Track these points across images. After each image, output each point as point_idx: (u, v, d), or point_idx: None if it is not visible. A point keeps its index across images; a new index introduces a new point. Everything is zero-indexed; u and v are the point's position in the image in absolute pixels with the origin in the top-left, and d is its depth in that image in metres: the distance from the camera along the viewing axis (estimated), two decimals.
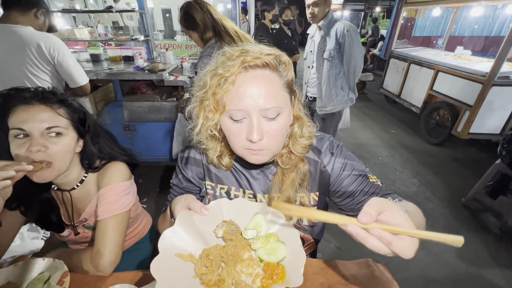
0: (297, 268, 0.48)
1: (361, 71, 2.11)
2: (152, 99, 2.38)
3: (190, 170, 0.77)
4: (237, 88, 0.55)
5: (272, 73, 0.57)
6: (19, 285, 0.67)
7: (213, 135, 0.65)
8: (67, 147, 0.76)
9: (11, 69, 1.39)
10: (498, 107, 2.95)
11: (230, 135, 0.61)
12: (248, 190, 0.74)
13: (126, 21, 2.83)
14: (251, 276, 0.52)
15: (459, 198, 2.47)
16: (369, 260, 0.80)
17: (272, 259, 0.52)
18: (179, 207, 0.59)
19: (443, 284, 1.70)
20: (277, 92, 0.57)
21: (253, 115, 0.55)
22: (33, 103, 0.72)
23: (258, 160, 0.62)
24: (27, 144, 0.69)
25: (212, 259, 0.53)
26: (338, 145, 0.74)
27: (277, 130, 0.58)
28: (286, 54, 0.61)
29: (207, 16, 1.56)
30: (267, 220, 0.58)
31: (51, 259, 0.72)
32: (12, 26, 1.37)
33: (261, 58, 0.55)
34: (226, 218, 0.61)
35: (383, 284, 0.72)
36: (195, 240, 0.57)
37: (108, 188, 0.82)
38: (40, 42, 1.38)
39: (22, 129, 0.69)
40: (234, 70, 0.54)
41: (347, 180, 0.70)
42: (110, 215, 0.79)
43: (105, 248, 0.74)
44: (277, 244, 0.54)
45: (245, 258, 0.54)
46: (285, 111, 0.59)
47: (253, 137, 0.55)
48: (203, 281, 0.50)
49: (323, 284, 0.71)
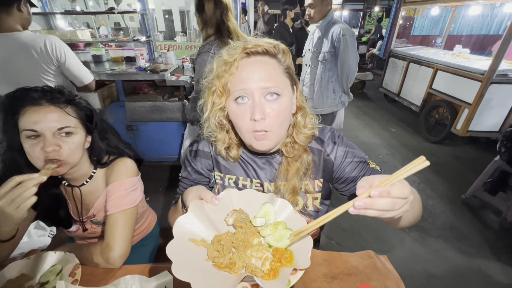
0: (304, 252, 0.51)
1: (354, 76, 2.09)
2: (154, 99, 2.41)
3: (199, 162, 0.80)
4: (240, 72, 0.61)
5: (271, 59, 0.63)
6: (32, 277, 0.70)
7: (222, 124, 0.69)
8: (78, 144, 0.79)
9: (23, 75, 1.41)
10: (497, 105, 2.97)
11: (236, 119, 0.65)
12: (255, 179, 0.77)
13: (128, 22, 2.85)
14: (261, 259, 0.54)
15: (459, 195, 2.49)
16: (370, 252, 0.82)
17: (281, 245, 0.54)
18: (191, 197, 0.62)
19: (444, 280, 1.72)
20: (277, 75, 0.62)
21: (255, 95, 0.60)
22: (42, 103, 0.74)
23: (263, 145, 0.65)
24: (41, 144, 0.72)
25: (223, 244, 0.56)
26: (339, 135, 0.77)
27: (279, 111, 0.62)
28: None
29: (216, 13, 1.57)
30: (275, 209, 0.62)
31: (63, 253, 0.74)
32: (10, 34, 1.37)
33: (261, 45, 0.61)
34: (236, 208, 0.63)
35: (384, 274, 0.75)
36: (207, 227, 0.60)
37: (117, 183, 0.84)
38: (42, 45, 1.39)
39: (34, 130, 0.71)
40: (237, 56, 0.61)
41: (350, 167, 0.73)
42: (119, 210, 0.81)
43: (115, 242, 0.77)
44: (285, 231, 0.56)
45: (254, 244, 0.57)
46: (286, 94, 0.63)
47: (256, 116, 0.59)
48: (215, 263, 0.53)
49: (327, 274, 0.73)
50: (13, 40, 1.37)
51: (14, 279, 0.68)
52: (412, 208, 0.60)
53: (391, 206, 0.40)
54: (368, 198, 0.40)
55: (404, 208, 0.42)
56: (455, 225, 2.19)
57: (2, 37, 1.37)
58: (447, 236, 2.07)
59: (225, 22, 1.59)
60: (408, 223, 0.63)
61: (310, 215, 0.80)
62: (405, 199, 0.41)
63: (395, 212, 0.41)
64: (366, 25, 10.31)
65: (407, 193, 0.41)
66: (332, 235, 2.06)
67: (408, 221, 0.63)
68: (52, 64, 1.45)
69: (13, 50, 1.37)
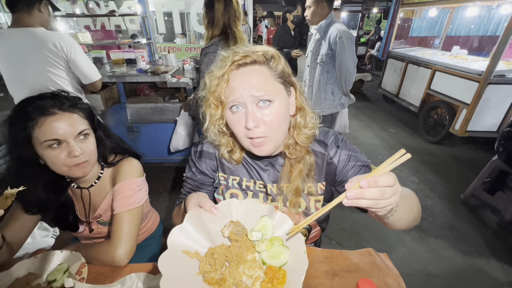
0: (298, 275, 0.49)
1: (353, 78, 2.08)
2: (155, 100, 2.43)
3: (204, 163, 0.81)
4: (230, 83, 0.63)
5: (260, 66, 0.64)
6: (39, 275, 0.71)
7: (222, 131, 0.72)
8: (94, 144, 0.83)
9: (32, 70, 1.47)
10: (495, 105, 3.00)
11: (232, 126, 0.67)
12: (258, 181, 0.79)
13: (128, 24, 2.87)
14: (252, 278, 0.53)
15: (458, 194, 2.51)
16: (370, 249, 0.84)
17: (275, 263, 0.54)
18: (191, 205, 0.63)
19: (443, 278, 1.73)
20: (266, 82, 0.63)
21: (247, 104, 0.62)
22: (56, 112, 0.75)
23: (262, 152, 0.67)
24: (65, 151, 0.75)
25: (216, 258, 0.55)
26: (343, 139, 0.79)
27: (272, 117, 0.63)
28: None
29: (224, 16, 1.58)
30: (273, 224, 0.61)
31: (69, 252, 0.75)
32: (25, 29, 1.43)
33: (249, 56, 0.63)
34: (234, 219, 0.63)
35: (384, 271, 0.76)
36: (202, 238, 0.60)
37: (123, 183, 0.86)
38: (54, 41, 1.45)
39: (56, 138, 0.73)
40: (226, 69, 0.63)
41: (352, 171, 0.75)
42: (125, 209, 0.83)
43: (121, 241, 0.78)
44: (281, 248, 0.56)
45: (248, 260, 0.56)
46: (278, 99, 0.64)
47: (248, 124, 0.61)
48: (205, 278, 0.53)
49: (328, 271, 0.75)
50: (27, 34, 1.43)
51: (22, 277, 0.70)
52: (408, 207, 0.61)
53: (380, 195, 0.43)
54: (359, 188, 0.43)
55: (394, 199, 0.44)
56: (454, 224, 2.21)
57: (17, 31, 1.42)
58: (446, 236, 2.08)
59: (232, 27, 1.60)
60: (406, 224, 0.63)
61: None
62: (393, 187, 0.43)
63: (386, 201, 0.44)
64: (365, 26, 10.36)
65: (393, 181, 0.43)
66: (333, 235, 2.08)
67: (405, 222, 0.63)
68: (62, 60, 1.50)
69: (25, 44, 1.43)
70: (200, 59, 1.71)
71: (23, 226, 0.84)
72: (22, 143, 0.74)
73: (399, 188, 0.45)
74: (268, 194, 0.79)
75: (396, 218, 0.55)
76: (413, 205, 0.64)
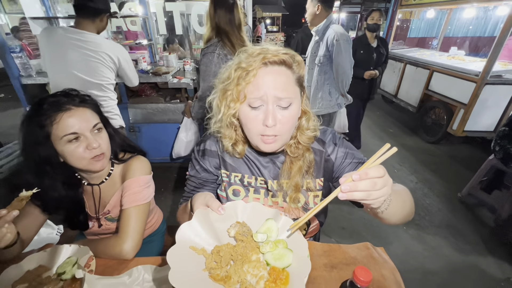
0: (300, 277, 0.51)
1: (349, 79, 2.12)
2: (157, 101, 2.46)
3: (207, 161, 0.84)
4: (257, 80, 0.64)
5: (287, 69, 0.67)
6: (49, 268, 0.74)
7: (232, 123, 0.73)
8: (108, 138, 0.87)
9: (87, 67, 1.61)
10: (492, 105, 3.04)
11: (247, 122, 0.68)
12: (259, 177, 0.82)
13: (129, 26, 2.90)
14: (256, 277, 0.55)
15: (455, 193, 2.55)
16: (368, 243, 0.87)
17: (278, 265, 0.56)
18: (198, 204, 0.66)
19: (440, 275, 1.76)
20: (290, 85, 0.66)
21: (269, 103, 0.64)
22: (72, 108, 0.79)
23: (271, 148, 0.70)
24: (83, 144, 0.79)
25: (222, 255, 0.57)
26: (340, 137, 0.82)
27: (289, 118, 0.67)
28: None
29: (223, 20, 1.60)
30: (278, 227, 0.64)
31: (77, 246, 0.78)
32: (88, 33, 1.58)
33: (279, 56, 0.65)
34: (240, 219, 0.66)
35: (381, 264, 0.79)
36: (209, 236, 0.62)
37: (132, 180, 0.89)
38: (110, 51, 1.65)
39: (74, 132, 0.77)
40: (256, 65, 0.64)
41: (349, 167, 0.78)
42: (133, 205, 0.86)
43: (128, 235, 0.81)
44: (285, 250, 0.58)
45: (252, 260, 0.58)
46: (296, 102, 0.68)
47: (268, 122, 0.64)
48: (211, 274, 0.55)
49: (326, 264, 0.78)
50: (89, 39, 1.57)
51: (32, 270, 0.72)
52: (401, 202, 0.63)
53: (371, 186, 0.46)
54: (352, 182, 0.46)
55: (385, 190, 0.47)
56: (452, 222, 2.24)
57: (78, 34, 1.56)
58: (443, 234, 2.12)
59: (228, 31, 1.61)
60: (399, 218, 0.65)
61: None
62: (383, 178, 0.47)
63: (378, 192, 0.47)
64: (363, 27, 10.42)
65: (383, 173, 0.47)
66: (331, 233, 2.11)
67: (398, 216, 0.64)
68: (114, 65, 1.70)
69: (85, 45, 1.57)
70: (199, 60, 1.74)
71: (33, 223, 0.87)
72: (42, 141, 0.77)
73: (389, 179, 0.48)
74: (268, 190, 0.82)
75: (390, 212, 0.58)
76: (406, 200, 0.67)
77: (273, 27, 15.50)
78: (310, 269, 0.52)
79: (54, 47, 1.57)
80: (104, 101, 1.70)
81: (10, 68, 2.20)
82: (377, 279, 0.73)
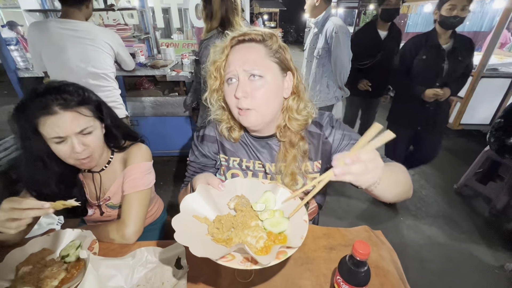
0: (297, 236, 0.54)
1: (347, 72, 2.09)
2: (155, 94, 2.45)
3: (206, 146, 0.86)
4: (229, 58, 0.70)
5: (257, 44, 0.70)
6: (53, 251, 0.75)
7: (222, 106, 0.78)
8: (99, 138, 0.85)
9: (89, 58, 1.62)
10: (487, 99, 3.07)
11: (226, 97, 0.73)
12: (257, 161, 0.83)
13: (127, 19, 2.88)
14: (256, 238, 0.58)
15: (451, 185, 2.58)
16: (366, 226, 0.89)
17: (275, 230, 0.59)
18: (200, 182, 0.69)
19: (436, 263, 1.80)
20: (260, 59, 0.68)
21: (240, 76, 0.68)
22: (57, 111, 0.74)
23: (248, 122, 0.72)
24: (69, 146, 0.77)
25: (223, 223, 0.61)
26: (337, 120, 0.83)
27: (262, 92, 0.68)
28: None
29: (222, 8, 1.61)
30: (276, 198, 0.67)
31: (79, 230, 0.79)
32: (80, 22, 1.57)
33: (248, 34, 0.69)
34: (239, 194, 0.69)
35: (378, 245, 0.81)
36: (211, 208, 0.66)
37: (133, 166, 0.90)
38: (106, 38, 1.65)
39: (59, 136, 0.75)
40: (227, 43, 0.70)
41: (346, 149, 0.80)
42: (135, 190, 0.87)
43: (130, 220, 0.82)
44: (281, 218, 0.62)
45: (252, 225, 0.62)
46: (270, 76, 0.69)
47: (238, 93, 0.67)
48: (214, 238, 0.58)
49: (326, 246, 0.80)
50: (84, 27, 1.57)
51: (36, 252, 0.73)
52: (394, 179, 0.66)
53: (363, 169, 0.47)
54: (345, 165, 0.47)
55: (376, 173, 0.49)
56: (448, 213, 2.27)
57: (72, 24, 1.55)
58: (439, 223, 2.15)
59: (230, 19, 1.63)
60: (394, 195, 0.66)
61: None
62: (374, 161, 0.48)
63: (368, 175, 0.48)
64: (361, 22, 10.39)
65: (374, 156, 0.48)
66: (328, 223, 2.13)
67: (392, 193, 0.65)
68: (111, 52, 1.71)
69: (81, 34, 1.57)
70: (199, 51, 1.74)
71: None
72: (32, 136, 0.75)
73: (380, 162, 0.50)
74: (266, 173, 0.83)
75: (381, 189, 0.59)
76: (399, 177, 0.68)
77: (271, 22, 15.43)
78: (307, 230, 0.55)
79: (50, 42, 1.53)
80: (108, 91, 1.70)
81: (6, 61, 2.18)
82: (375, 259, 0.75)
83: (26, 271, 0.67)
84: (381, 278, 0.69)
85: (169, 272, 0.69)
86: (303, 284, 0.68)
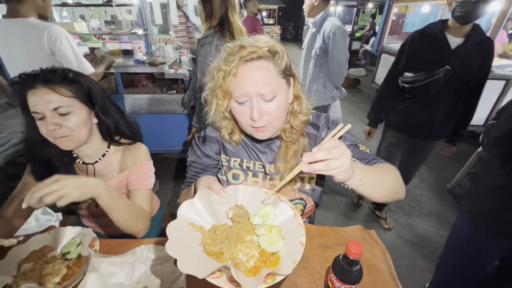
0: (290, 260, 0.52)
1: (344, 73, 2.11)
2: (153, 91, 2.45)
3: (208, 147, 0.87)
4: (238, 78, 0.66)
5: (266, 62, 0.67)
6: (54, 248, 0.76)
7: (225, 116, 0.77)
8: (79, 122, 0.82)
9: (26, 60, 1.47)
10: (482, 100, 3.08)
11: (237, 116, 0.72)
12: (257, 162, 0.85)
13: (125, 15, 2.86)
14: (247, 256, 0.57)
15: (444, 185, 2.64)
16: (360, 226, 0.92)
17: (268, 249, 0.57)
18: (201, 186, 0.69)
19: (430, 261, 1.85)
20: (271, 78, 0.67)
21: (253, 98, 0.67)
22: (37, 86, 0.76)
23: (263, 136, 0.74)
24: (45, 123, 0.77)
25: (218, 234, 0.60)
26: (333, 121, 0.86)
27: (275, 110, 0.69)
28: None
29: (221, 8, 1.61)
30: (276, 212, 0.66)
31: (80, 228, 0.80)
32: (14, 19, 1.42)
33: (256, 52, 0.65)
34: (239, 203, 0.69)
35: (372, 244, 0.84)
36: (208, 216, 0.65)
37: (138, 166, 0.93)
38: (41, 33, 1.41)
39: (36, 112, 0.76)
40: (234, 64, 0.65)
41: None
42: (142, 188, 0.91)
43: None
44: (277, 237, 0.60)
45: (246, 240, 0.61)
46: (281, 93, 0.69)
47: (254, 116, 0.67)
48: (205, 250, 0.58)
49: (321, 244, 0.82)
50: (16, 25, 1.42)
51: (38, 250, 0.75)
52: (379, 178, 0.69)
53: (327, 155, 0.52)
54: (311, 153, 0.53)
55: (343, 160, 0.53)
56: (441, 212, 2.33)
57: (8, 22, 1.42)
58: (432, 222, 2.20)
59: (229, 18, 1.63)
60: (382, 194, 0.69)
61: (307, 193, 0.88)
62: (338, 148, 0.53)
63: (336, 162, 0.52)
64: (360, 21, 10.41)
65: (337, 144, 0.53)
66: (324, 222, 2.17)
67: (380, 192, 0.68)
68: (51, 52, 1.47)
69: (16, 35, 1.43)
70: (196, 50, 1.74)
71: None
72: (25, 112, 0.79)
73: (346, 151, 0.54)
74: (266, 173, 0.85)
75: (366, 187, 0.63)
76: (385, 176, 0.71)
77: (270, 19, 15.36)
78: (301, 254, 0.53)
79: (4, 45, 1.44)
80: None
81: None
82: (368, 258, 0.78)
83: (28, 268, 0.68)
84: (373, 276, 0.72)
85: (169, 269, 0.71)
86: (298, 281, 0.70)
